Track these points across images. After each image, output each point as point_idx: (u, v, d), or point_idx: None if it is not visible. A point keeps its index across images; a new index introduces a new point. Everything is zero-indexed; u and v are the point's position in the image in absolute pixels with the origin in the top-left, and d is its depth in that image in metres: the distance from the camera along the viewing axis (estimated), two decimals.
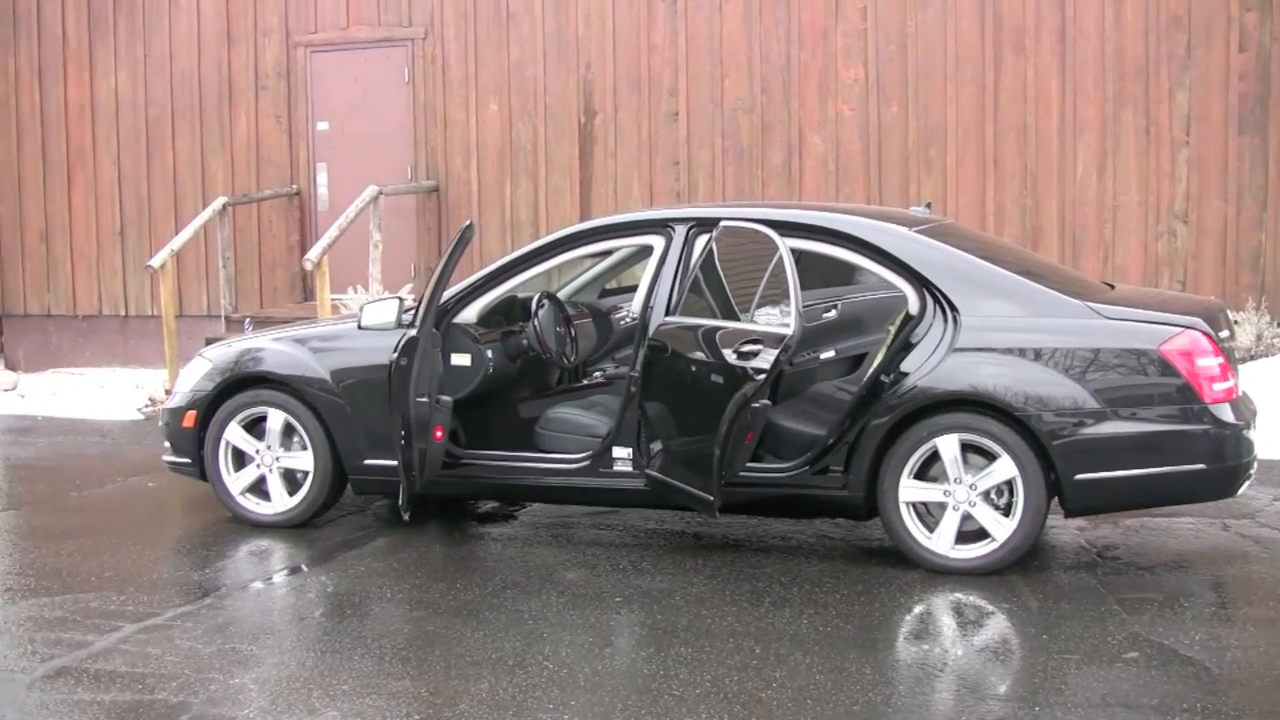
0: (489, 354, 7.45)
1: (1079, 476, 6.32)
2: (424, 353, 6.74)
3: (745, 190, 12.63)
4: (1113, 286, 7.48)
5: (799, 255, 7.47)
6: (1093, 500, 6.43)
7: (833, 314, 8.60)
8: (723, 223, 6.84)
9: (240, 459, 7.73)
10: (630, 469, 6.96)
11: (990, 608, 6.08)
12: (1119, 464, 6.32)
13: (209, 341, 10.29)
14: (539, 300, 7.70)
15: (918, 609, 6.10)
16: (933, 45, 12.12)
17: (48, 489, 8.97)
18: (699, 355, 6.49)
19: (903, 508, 6.55)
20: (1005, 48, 11.94)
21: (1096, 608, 5.98)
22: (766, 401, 6.30)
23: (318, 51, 14.02)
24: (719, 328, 6.46)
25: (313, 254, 11.66)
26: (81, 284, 15.01)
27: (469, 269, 8.08)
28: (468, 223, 6.98)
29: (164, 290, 12.57)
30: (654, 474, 6.74)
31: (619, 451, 7.00)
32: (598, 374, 8.14)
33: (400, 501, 6.88)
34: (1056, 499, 6.47)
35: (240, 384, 7.70)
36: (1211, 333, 6.40)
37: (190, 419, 7.79)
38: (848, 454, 6.65)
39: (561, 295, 9.06)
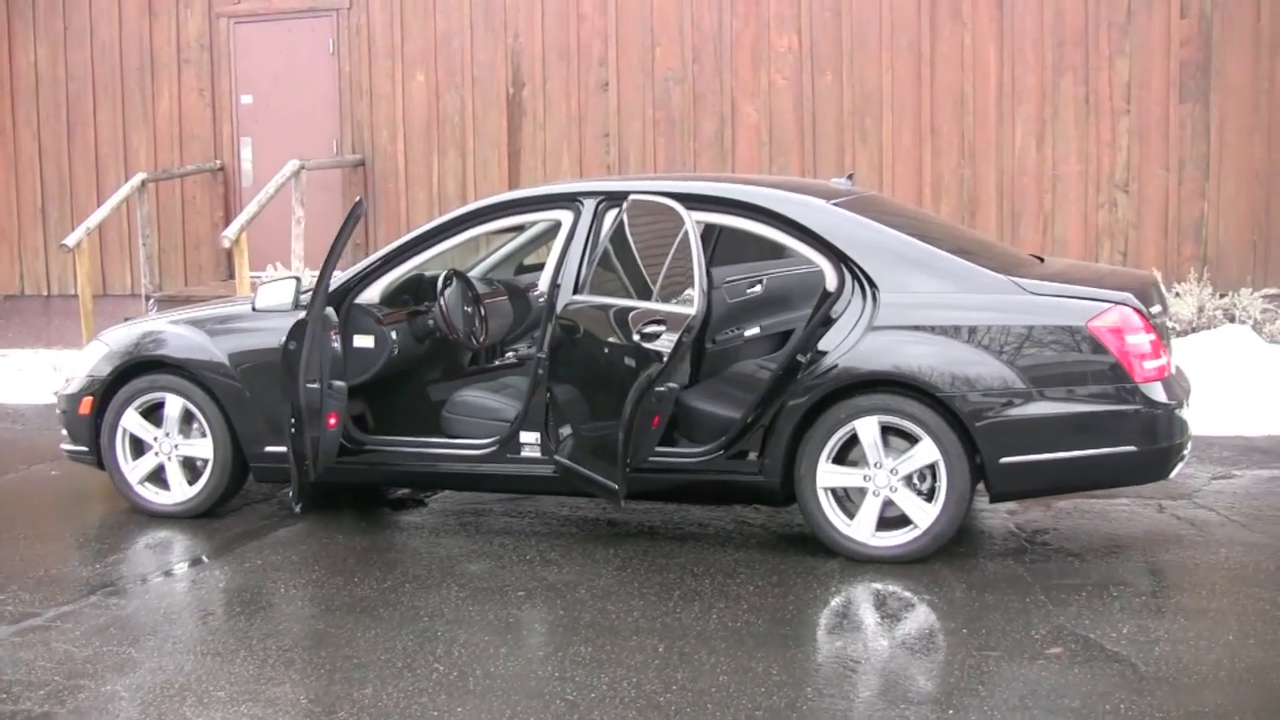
0: (393, 335, 7.12)
1: (1004, 460, 6.04)
2: (314, 336, 6.39)
3: (677, 162, 12.31)
4: (1042, 260, 7.20)
5: (714, 230, 7.20)
6: (1019, 484, 6.16)
7: (758, 289, 8.31)
8: (631, 196, 6.51)
9: (139, 447, 7.38)
10: (538, 454, 6.65)
11: (911, 599, 5.80)
12: (1046, 446, 6.04)
13: (127, 320, 9.90)
14: (445, 278, 7.36)
15: (834, 601, 5.81)
16: (867, 12, 11.81)
17: None
18: (606, 336, 6.18)
19: (820, 494, 6.27)
20: (942, 14, 11.64)
21: (1022, 598, 5.71)
22: (673, 385, 6.00)
23: (241, 22, 13.59)
24: (627, 307, 6.15)
25: (230, 231, 11.28)
26: (2, 263, 14.56)
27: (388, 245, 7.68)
28: (358, 199, 6.62)
29: (80, 270, 12.15)
30: (562, 460, 6.43)
31: (526, 436, 6.68)
32: (510, 355, 7.82)
33: (291, 493, 6.54)
34: (982, 483, 6.19)
35: (137, 368, 7.35)
36: (1143, 308, 6.12)
37: (87, 405, 7.43)
38: (763, 437, 6.36)
39: (476, 272, 8.74)
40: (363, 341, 7.05)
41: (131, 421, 7.32)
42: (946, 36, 11.64)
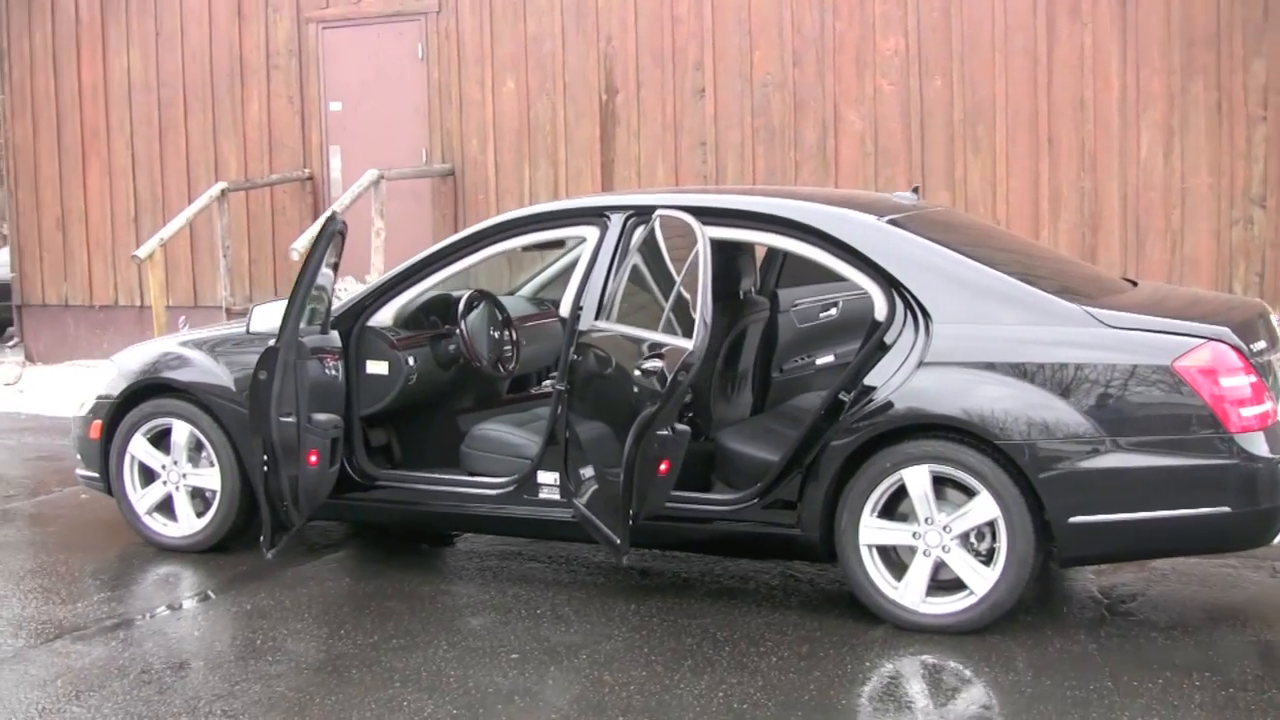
0: (410, 360, 6.50)
1: (1074, 519, 5.20)
2: (286, 365, 5.77)
3: (778, 173, 11.55)
4: (1135, 284, 6.32)
5: (751, 250, 6.46)
6: (1091, 548, 5.31)
7: (833, 313, 7.56)
8: (658, 212, 5.80)
9: (149, 475, 6.87)
10: (557, 497, 5.97)
11: (952, 682, 5.00)
12: (1123, 505, 5.19)
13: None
14: (468, 300, 6.73)
15: (861, 681, 5.02)
16: (979, 12, 10.91)
17: None
18: (624, 368, 5.47)
19: (864, 551, 5.49)
20: (1060, 13, 10.69)
21: (1085, 685, 4.87)
22: (681, 428, 5.28)
23: (329, 27, 13.16)
24: (643, 337, 5.44)
25: (299, 242, 10.81)
26: (98, 273, 14.33)
27: None
28: (329, 212, 6.00)
29: (153, 281, 11.81)
30: (579, 504, 5.74)
31: (545, 477, 6.01)
32: (547, 384, 7.15)
33: (263, 538, 5.92)
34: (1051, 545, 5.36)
35: (146, 392, 6.84)
36: (1242, 345, 5.24)
37: (96, 430, 6.95)
38: (801, 485, 5.59)
39: (526, 290, 8.11)
40: (376, 367, 6.45)
41: (139, 448, 6.82)
42: (1065, 38, 10.69)
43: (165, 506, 6.84)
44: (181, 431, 6.71)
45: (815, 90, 11.44)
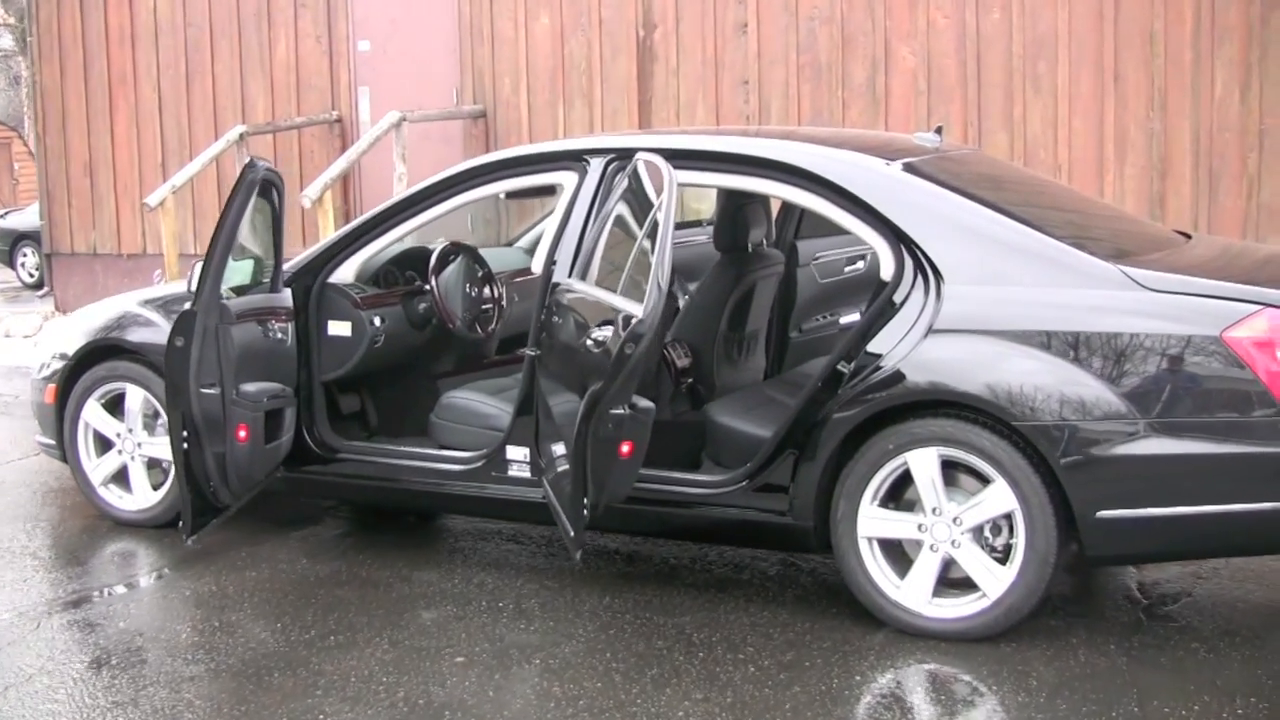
0: (376, 320, 5.88)
1: (1102, 513, 4.47)
2: (206, 330, 5.13)
3: (825, 113, 10.75)
4: (1189, 238, 5.53)
5: (754, 198, 5.73)
6: (1122, 545, 4.57)
7: (860, 266, 6.87)
8: (638, 155, 5.10)
9: (104, 444, 6.31)
10: (528, 474, 5.33)
11: (951, 702, 4.31)
12: (1160, 497, 4.45)
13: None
14: (442, 254, 6.08)
15: (848, 698, 4.33)
16: None
17: None
18: (589, 334, 4.80)
19: (862, 544, 4.80)
20: None
21: (1108, 708, 4.16)
22: (646, 404, 4.59)
23: None
24: (604, 301, 4.76)
25: (311, 190, 10.22)
26: (125, 220, 13.84)
27: None
28: (249, 159, 5.33)
29: (166, 231, 11.29)
30: (547, 485, 5.10)
31: (514, 452, 5.37)
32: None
33: (181, 522, 5.30)
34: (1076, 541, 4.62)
35: (102, 353, 6.27)
36: None
37: (51, 394, 6.40)
38: (793, 467, 4.90)
39: (524, 241, 7.46)
40: (337, 329, 5.84)
41: (93, 414, 6.26)
42: None
43: (121, 477, 6.29)
44: (136, 397, 6.15)
45: (865, 24, 10.60)
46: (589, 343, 4.58)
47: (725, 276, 5.96)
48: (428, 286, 6.02)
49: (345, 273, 5.83)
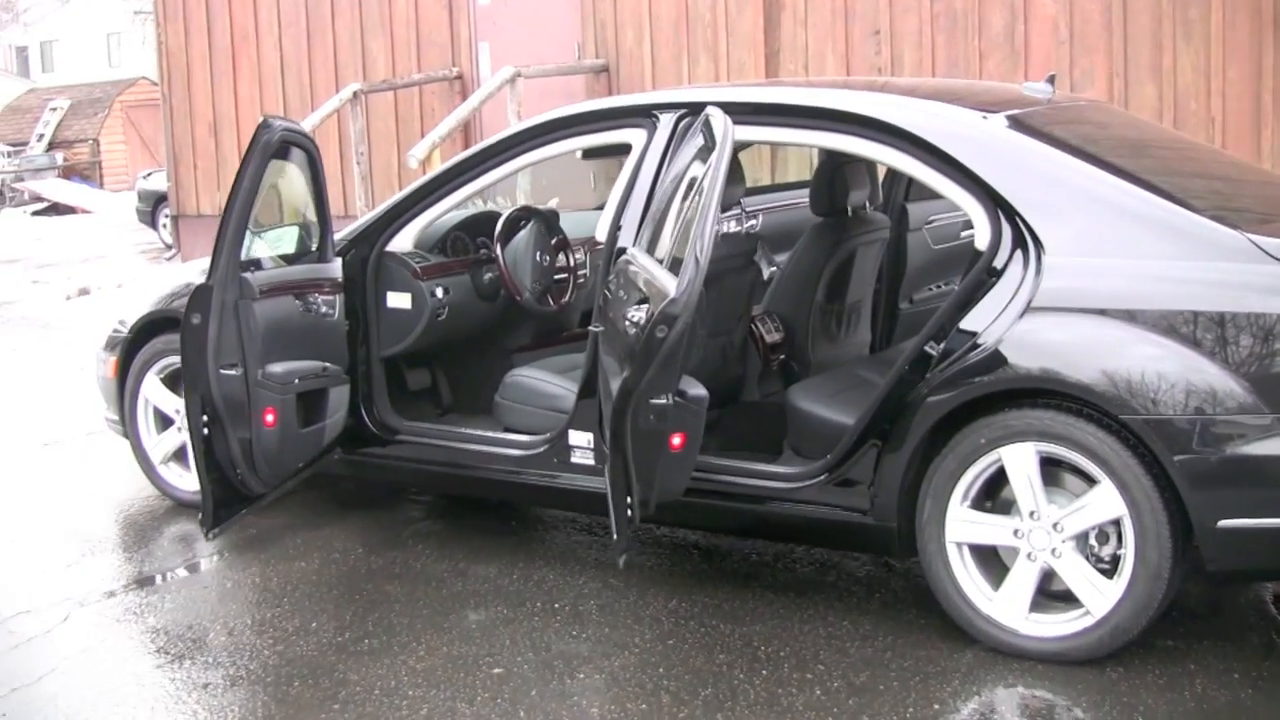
0: (439, 292, 5.46)
1: (1225, 522, 3.85)
2: (224, 307, 4.72)
3: (960, 64, 10.05)
4: None
5: (839, 157, 5.15)
6: (1250, 559, 3.94)
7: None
8: (707, 110, 4.56)
9: (165, 420, 6.00)
10: (592, 462, 4.86)
11: None
12: None
13: None
14: (509, 220, 5.62)
15: None
16: None
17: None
18: (626, 314, 4.29)
19: (950, 549, 4.23)
20: None
21: None
22: (698, 392, 4.08)
23: None
24: (653, 275, 4.25)
25: (418, 150, 9.87)
26: None
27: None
28: (263, 119, 4.89)
29: None
30: (607, 475, 4.61)
31: (577, 437, 4.90)
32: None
33: (200, 514, 4.91)
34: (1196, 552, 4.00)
35: (161, 325, 5.94)
36: None
37: (112, 367, 6.11)
38: (875, 460, 4.36)
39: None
40: (397, 300, 5.43)
41: (152, 389, 5.94)
42: None
43: (181, 456, 5.95)
44: None
45: None
46: (626, 323, 4.08)
47: (821, 243, 5.43)
48: (494, 255, 5.57)
49: (404, 240, 5.41)
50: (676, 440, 4.09)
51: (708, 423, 5.28)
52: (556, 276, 5.77)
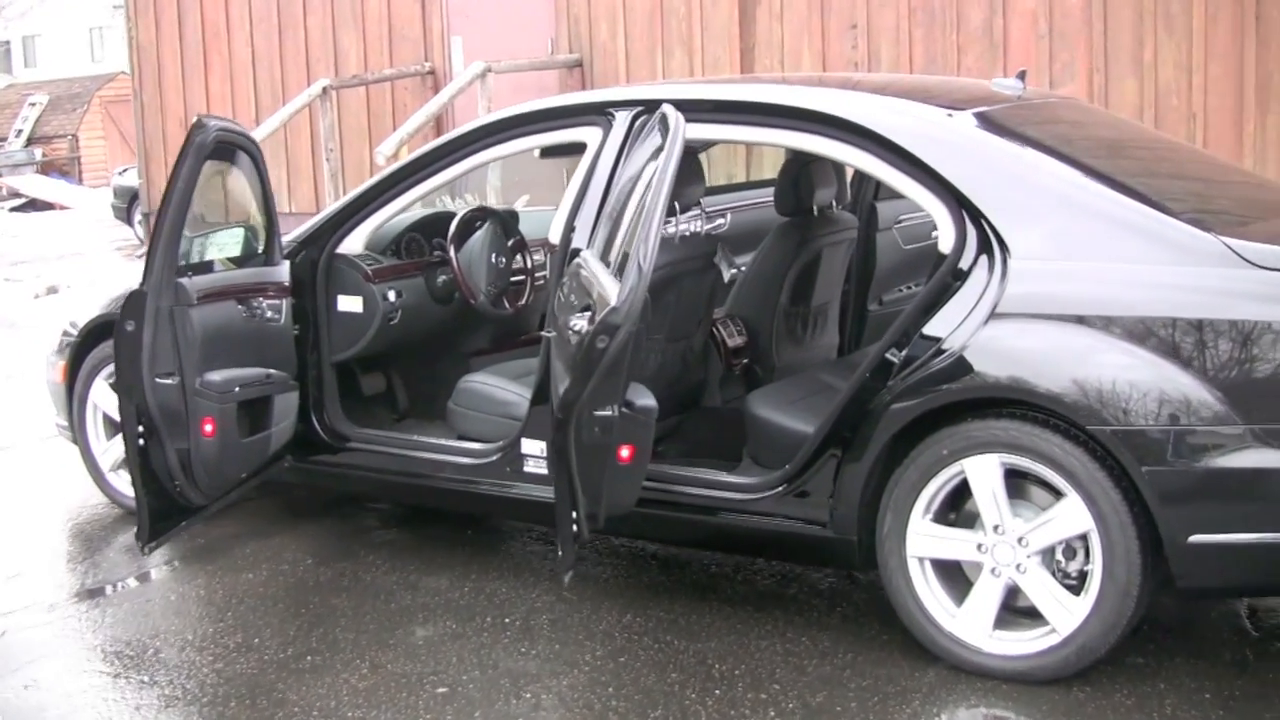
0: (391, 295, 5.30)
1: (1195, 538, 3.69)
2: (159, 313, 4.54)
3: (938, 60, 9.90)
4: None
5: (804, 155, 5.00)
6: (1221, 576, 3.80)
7: None
8: (662, 107, 4.40)
9: (115, 426, 5.80)
10: (545, 471, 4.69)
11: None
12: (1267, 520, 3.65)
13: None
14: (463, 221, 5.46)
15: None
16: None
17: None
18: (570, 321, 4.13)
19: (911, 564, 4.08)
20: None
21: None
22: (645, 403, 3.93)
23: None
24: (596, 280, 4.08)
25: (386, 146, 9.68)
26: None
27: None
28: (196, 118, 4.70)
29: None
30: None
31: (530, 446, 4.74)
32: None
33: (137, 528, 4.71)
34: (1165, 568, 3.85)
35: (110, 329, 5.75)
36: None
37: (60, 371, 5.93)
38: (835, 472, 4.20)
39: None
40: (347, 304, 5.27)
41: (101, 395, 5.77)
42: None
43: None
44: None
45: None
46: (569, 331, 3.91)
47: (786, 243, 5.28)
48: (448, 256, 5.41)
49: (354, 242, 5.25)
50: (625, 453, 3.93)
51: (668, 429, 5.17)
52: (513, 279, 5.61)
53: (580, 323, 3.85)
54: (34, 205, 25.80)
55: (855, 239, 5.67)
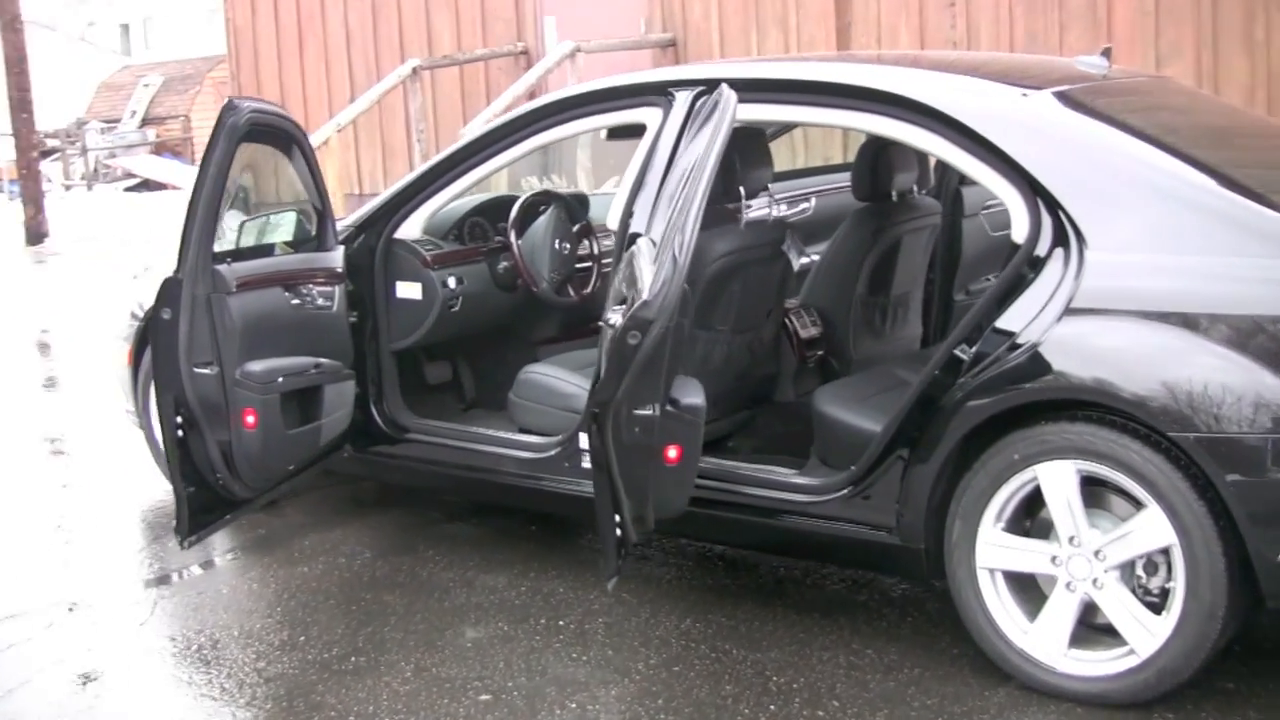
0: (451, 281, 5.13)
1: None
2: (195, 301, 4.39)
3: (1039, 38, 9.55)
4: None
5: (882, 137, 4.74)
6: None
7: None
8: (720, 87, 4.17)
9: None
10: None
11: None
12: None
13: None
14: (525, 205, 5.28)
15: None
16: None
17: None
18: (606, 314, 3.93)
19: (981, 576, 3.83)
20: None
21: None
22: (693, 401, 3.72)
23: None
24: (639, 271, 3.87)
25: (472, 126, 9.52)
26: (328, 159, 13.47)
27: None
28: (228, 100, 4.52)
29: (328, 170, 10.74)
30: None
31: (588, 440, 4.54)
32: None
33: (176, 525, 4.57)
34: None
35: None
36: None
37: (127, 355, 5.85)
38: (902, 475, 3.96)
39: None
40: (406, 290, 5.11)
41: None
42: None
43: None
44: None
45: None
46: (605, 325, 3.72)
47: (863, 230, 5.04)
48: (508, 242, 5.24)
49: (412, 227, 5.09)
50: (671, 453, 3.73)
51: (738, 424, 4.96)
52: (579, 265, 5.41)
53: (615, 316, 3.64)
54: (147, 185, 26.14)
55: (938, 226, 5.41)
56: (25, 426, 7.28)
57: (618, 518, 3.78)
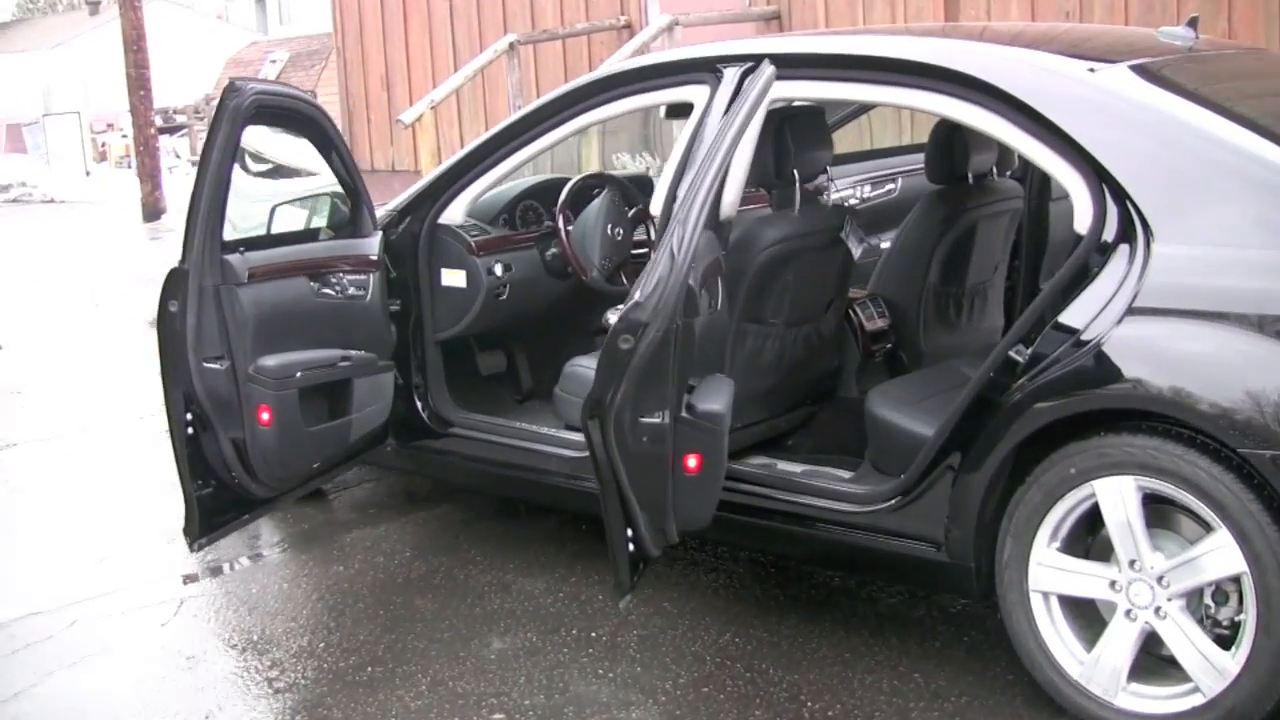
0: (497, 268, 4.90)
1: None
2: (202, 293, 4.17)
3: (1155, 9, 9.00)
4: None
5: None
6: None
7: None
8: (764, 63, 3.86)
9: None
10: None
11: None
12: None
13: None
14: (574, 189, 5.01)
15: None
16: None
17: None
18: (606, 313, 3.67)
19: (1034, 600, 3.49)
20: None
21: None
22: (711, 407, 3.43)
23: None
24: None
25: None
26: (426, 135, 13.32)
27: None
28: (229, 81, 4.27)
29: (421, 149, 10.60)
30: None
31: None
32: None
33: (185, 526, 4.35)
34: None
35: None
36: None
37: None
38: (951, 485, 3.63)
39: None
40: (451, 278, 4.88)
41: None
42: None
43: None
44: None
45: None
46: (605, 323, 3.44)
47: (935, 215, 4.72)
48: (556, 227, 4.98)
49: (456, 211, 4.85)
50: (691, 463, 3.44)
51: (796, 422, 4.66)
52: (634, 252, 5.13)
53: (614, 316, 3.36)
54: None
55: (1020, 210, 5.03)
56: (128, 404, 7.21)
57: (630, 531, 3.50)
